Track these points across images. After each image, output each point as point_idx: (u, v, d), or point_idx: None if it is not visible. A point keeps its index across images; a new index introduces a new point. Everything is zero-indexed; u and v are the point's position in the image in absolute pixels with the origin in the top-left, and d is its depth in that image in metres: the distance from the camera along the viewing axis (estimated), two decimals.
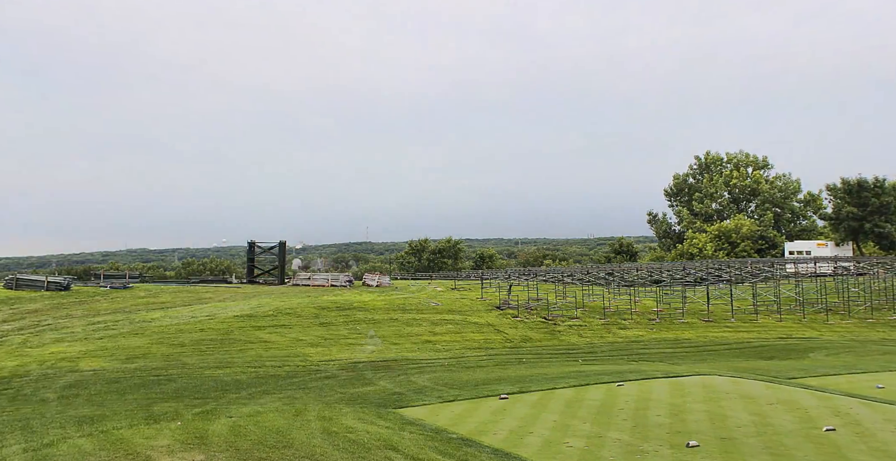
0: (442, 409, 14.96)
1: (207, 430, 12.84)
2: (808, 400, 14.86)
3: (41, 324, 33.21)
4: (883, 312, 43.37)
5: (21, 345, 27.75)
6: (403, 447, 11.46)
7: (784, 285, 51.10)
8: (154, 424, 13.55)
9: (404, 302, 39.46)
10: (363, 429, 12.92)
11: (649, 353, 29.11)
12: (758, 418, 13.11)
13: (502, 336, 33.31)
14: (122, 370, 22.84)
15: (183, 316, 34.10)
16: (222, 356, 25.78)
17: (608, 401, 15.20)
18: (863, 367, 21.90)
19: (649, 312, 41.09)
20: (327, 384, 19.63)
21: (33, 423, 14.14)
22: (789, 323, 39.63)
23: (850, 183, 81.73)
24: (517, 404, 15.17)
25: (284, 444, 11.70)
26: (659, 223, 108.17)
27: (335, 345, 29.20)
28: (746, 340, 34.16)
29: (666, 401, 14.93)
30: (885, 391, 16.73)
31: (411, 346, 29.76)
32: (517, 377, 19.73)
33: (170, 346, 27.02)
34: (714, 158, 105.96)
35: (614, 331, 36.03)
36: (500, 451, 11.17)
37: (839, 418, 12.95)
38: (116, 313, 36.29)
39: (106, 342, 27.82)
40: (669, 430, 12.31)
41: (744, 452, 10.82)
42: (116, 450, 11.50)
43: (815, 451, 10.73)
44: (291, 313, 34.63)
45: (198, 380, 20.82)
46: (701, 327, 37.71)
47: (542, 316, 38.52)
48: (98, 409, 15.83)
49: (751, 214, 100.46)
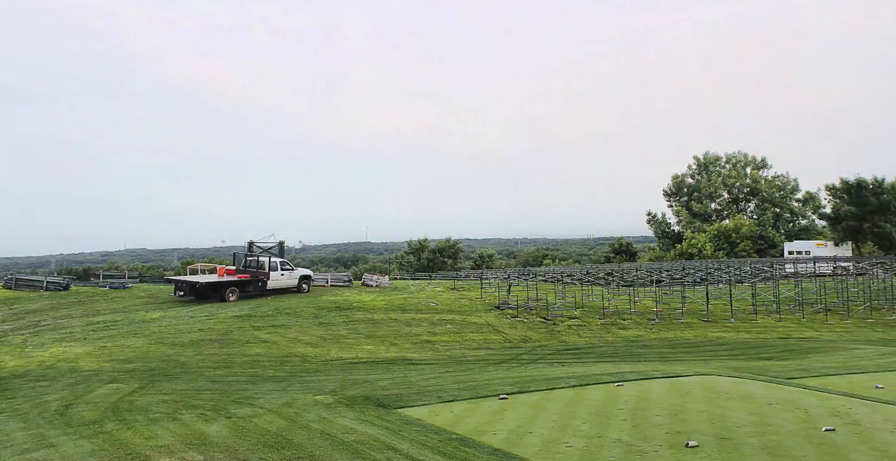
0: (441, 410, 14.96)
1: (206, 431, 12.84)
2: (807, 400, 14.87)
3: (40, 325, 33.19)
4: (882, 312, 43.41)
5: (20, 345, 27.74)
6: (403, 447, 11.47)
7: (783, 285, 51.11)
8: (153, 425, 13.55)
9: (403, 302, 39.47)
10: (362, 429, 12.92)
11: (649, 353, 29.12)
12: (757, 418, 13.12)
13: (501, 336, 33.32)
14: (121, 370, 22.83)
15: (182, 316, 34.09)
16: (221, 356, 25.78)
17: (608, 401, 15.21)
18: (862, 367, 21.91)
19: (648, 312, 41.11)
20: (326, 384, 19.63)
21: (32, 425, 14.13)
22: (788, 323, 39.65)
23: (849, 182, 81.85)
24: (517, 404, 15.17)
25: (284, 445, 11.71)
26: (658, 223, 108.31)
27: (334, 345, 29.20)
28: (746, 340, 34.19)
29: (665, 402, 14.94)
30: (884, 391, 16.75)
31: (410, 347, 29.77)
32: (516, 377, 19.73)
33: (169, 346, 27.02)
34: (712, 158, 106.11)
35: (613, 331, 36.05)
36: (499, 451, 11.17)
37: (838, 418, 12.96)
38: (115, 313, 36.28)
39: (105, 342, 27.81)
40: (669, 430, 12.32)
41: (743, 452, 10.83)
42: (116, 450, 11.50)
43: (815, 451, 10.74)
44: (290, 313, 34.63)
45: (197, 381, 20.82)
46: (700, 327, 37.74)
47: (542, 316, 38.54)
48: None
49: (750, 214, 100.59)
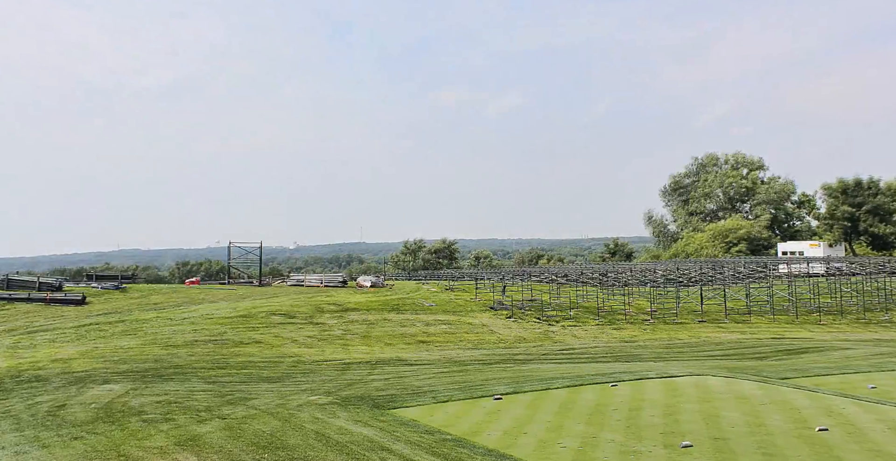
0: (436, 410, 14.94)
1: (200, 432, 12.79)
2: (800, 400, 14.90)
3: (33, 325, 33.04)
4: (875, 313, 43.56)
5: (13, 346, 27.59)
6: (397, 448, 11.45)
7: (777, 286, 51.25)
8: (147, 426, 13.49)
9: (399, 302, 39.42)
10: (357, 430, 12.89)
11: (643, 354, 29.14)
12: (751, 418, 13.14)
13: (496, 336, 33.31)
14: (115, 371, 22.72)
15: (176, 317, 33.97)
16: (216, 357, 25.70)
17: (602, 401, 15.21)
18: (855, 368, 21.97)
19: (643, 312, 41.17)
20: (321, 385, 19.58)
21: (24, 426, 14.05)
22: (782, 323, 39.77)
23: (846, 182, 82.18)
24: (511, 405, 15.16)
25: (278, 446, 11.67)
26: (655, 223, 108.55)
27: (329, 345, 29.14)
28: (739, 340, 34.25)
29: (660, 402, 14.95)
30: (877, 391, 16.79)
31: (405, 347, 29.73)
32: (511, 377, 19.72)
33: (163, 347, 26.92)
34: (711, 158, 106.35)
35: (608, 331, 36.08)
36: (494, 452, 11.16)
37: (832, 418, 12.99)
38: (109, 314, 36.13)
39: (98, 343, 27.69)
40: (663, 431, 12.33)
41: (737, 452, 10.85)
42: (109, 451, 11.45)
43: (808, 451, 10.77)
44: (285, 314, 34.56)
45: (190, 381, 20.74)
46: (694, 327, 37.81)
47: (537, 316, 38.55)
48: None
49: (746, 215, 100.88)
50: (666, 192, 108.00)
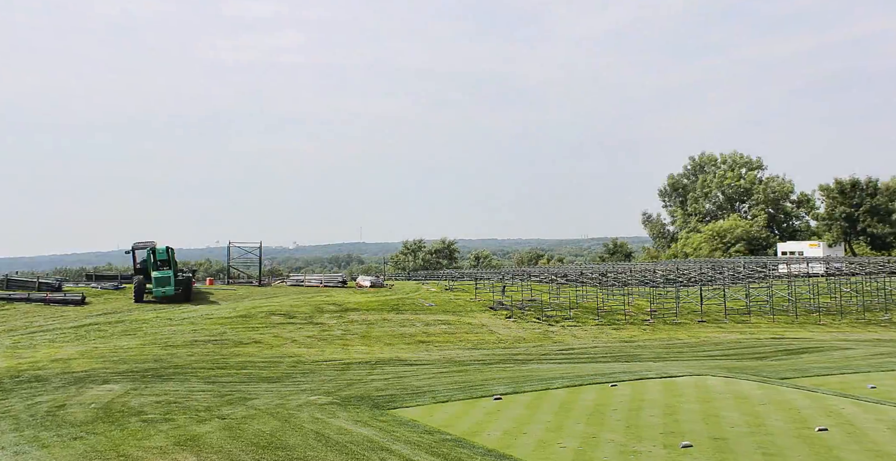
0: (435, 410, 14.95)
1: (200, 432, 12.79)
2: (800, 400, 14.91)
3: (33, 325, 33.03)
4: (875, 313, 43.58)
5: (12, 346, 27.58)
6: (397, 448, 11.45)
7: (777, 286, 51.26)
8: (146, 426, 13.48)
9: (398, 302, 39.42)
10: (356, 430, 12.89)
11: (643, 354, 29.14)
12: (751, 418, 13.15)
13: (496, 336, 33.31)
14: (114, 371, 22.71)
15: (175, 317, 33.96)
16: (215, 357, 25.68)
17: (602, 401, 15.21)
18: (855, 368, 21.98)
19: (643, 313, 41.18)
20: (321, 385, 19.58)
21: (24, 426, 14.04)
22: (782, 323, 39.78)
23: (844, 183, 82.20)
24: (511, 405, 15.17)
25: (277, 446, 11.67)
26: (653, 223, 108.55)
27: (329, 345, 29.14)
28: (739, 340, 34.25)
29: (659, 402, 14.96)
30: (876, 391, 16.80)
31: (405, 347, 29.73)
32: (511, 378, 19.73)
33: (163, 348, 26.91)
34: (708, 158, 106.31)
35: (608, 331, 36.08)
36: (493, 452, 11.17)
37: (831, 418, 13.00)
38: (109, 314, 36.12)
39: (98, 343, 27.68)
40: (663, 431, 12.33)
41: (737, 452, 10.85)
42: (108, 451, 11.45)
43: (808, 451, 10.77)
44: (285, 314, 34.56)
45: (190, 381, 20.73)
46: (694, 327, 37.82)
47: (536, 316, 38.55)
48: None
49: (744, 215, 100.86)
50: (664, 192, 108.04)
